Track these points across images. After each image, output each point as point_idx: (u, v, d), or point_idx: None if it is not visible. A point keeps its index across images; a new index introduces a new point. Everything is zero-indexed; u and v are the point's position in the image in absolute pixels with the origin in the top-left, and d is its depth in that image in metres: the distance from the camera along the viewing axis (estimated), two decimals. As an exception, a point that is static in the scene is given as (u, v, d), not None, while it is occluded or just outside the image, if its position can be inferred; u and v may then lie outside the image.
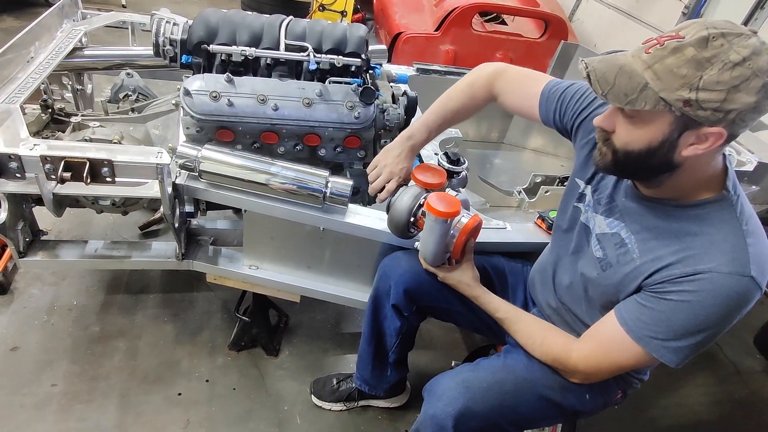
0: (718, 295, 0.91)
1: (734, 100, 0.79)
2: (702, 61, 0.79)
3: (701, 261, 0.92)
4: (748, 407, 2.11)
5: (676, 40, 0.82)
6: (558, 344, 1.15)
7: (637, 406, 1.97)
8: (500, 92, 1.31)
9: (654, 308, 0.97)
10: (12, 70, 1.51)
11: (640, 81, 0.83)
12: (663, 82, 0.81)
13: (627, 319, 1.01)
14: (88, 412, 1.59)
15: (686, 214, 0.97)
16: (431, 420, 1.13)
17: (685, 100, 0.81)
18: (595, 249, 1.12)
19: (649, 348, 0.98)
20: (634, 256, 1.02)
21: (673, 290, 0.95)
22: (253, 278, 1.60)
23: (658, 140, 0.87)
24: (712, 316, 0.93)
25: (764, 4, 3.15)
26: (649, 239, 1.01)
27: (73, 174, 1.23)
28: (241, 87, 1.39)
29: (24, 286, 1.94)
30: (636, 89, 0.83)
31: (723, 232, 0.93)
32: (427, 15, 3.68)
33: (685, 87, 0.80)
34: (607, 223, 1.10)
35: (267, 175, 1.34)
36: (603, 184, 1.14)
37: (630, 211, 1.06)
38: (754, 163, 1.73)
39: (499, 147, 2.76)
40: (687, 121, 0.84)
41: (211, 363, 1.80)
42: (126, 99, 1.91)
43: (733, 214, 0.94)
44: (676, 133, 0.86)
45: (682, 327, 0.95)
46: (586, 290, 1.16)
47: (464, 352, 2.05)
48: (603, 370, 1.09)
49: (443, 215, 1.15)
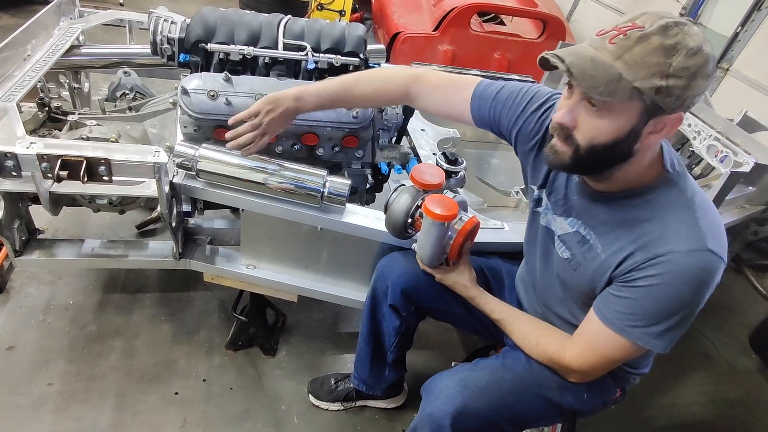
0: (682, 273, 0.93)
1: (694, 85, 0.83)
2: (669, 49, 0.81)
3: (659, 245, 0.94)
4: (743, 407, 2.12)
5: (637, 30, 0.83)
6: (553, 344, 1.16)
7: (633, 406, 1.98)
8: (417, 96, 1.28)
9: (627, 297, 0.99)
10: (8, 67, 1.51)
11: (614, 72, 0.83)
12: (635, 71, 0.82)
13: (605, 313, 1.02)
14: (85, 412, 1.59)
15: (635, 202, 0.99)
16: (429, 418, 1.13)
17: (657, 87, 0.82)
18: (560, 250, 1.14)
19: (633, 337, 1.00)
20: (598, 251, 1.04)
21: (639, 276, 0.96)
22: (251, 278, 1.60)
23: (626, 131, 0.88)
24: (684, 295, 0.94)
25: (761, 5, 3.17)
26: (606, 232, 1.03)
27: (69, 173, 1.22)
28: (239, 86, 1.38)
29: (20, 285, 1.93)
30: (613, 81, 0.83)
31: (672, 212, 0.95)
32: (425, 15, 3.68)
33: (657, 75, 0.82)
34: (568, 222, 1.12)
35: (265, 174, 1.34)
36: (557, 186, 1.15)
37: (584, 208, 1.08)
38: (750, 164, 1.73)
39: (496, 147, 2.76)
40: (654, 109, 0.85)
41: (208, 362, 1.80)
42: (123, 97, 1.91)
43: (678, 192, 0.97)
44: (643, 122, 0.87)
45: (657, 311, 0.96)
46: (564, 291, 1.17)
47: (462, 352, 2.05)
48: (596, 367, 1.09)
49: (440, 218, 1.15)
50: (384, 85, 1.30)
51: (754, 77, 3.21)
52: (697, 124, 2.01)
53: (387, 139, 1.61)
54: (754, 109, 2.17)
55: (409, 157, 1.67)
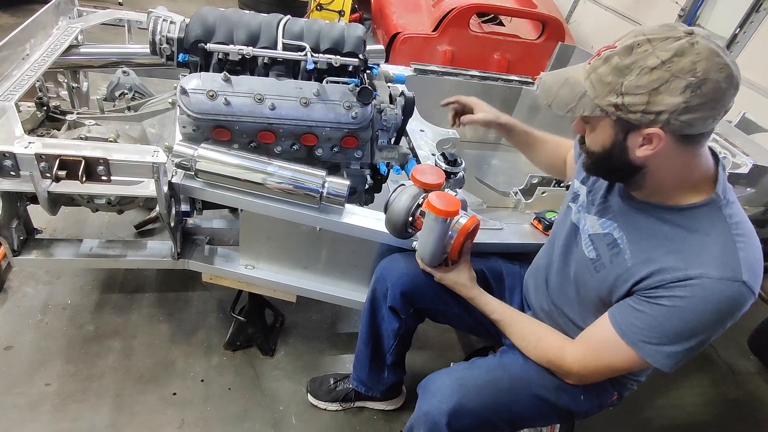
0: (709, 301, 0.91)
1: (657, 102, 0.84)
2: (623, 68, 0.86)
3: (692, 265, 0.92)
4: (742, 408, 2.13)
5: (609, 50, 0.89)
6: (552, 346, 1.16)
7: (632, 407, 1.98)
8: None
9: (647, 313, 0.97)
10: (7, 67, 1.50)
11: (580, 90, 0.91)
12: (596, 89, 0.89)
13: (621, 323, 1.01)
14: (83, 412, 1.58)
15: (676, 217, 0.98)
16: (425, 417, 1.13)
17: (614, 104, 0.88)
18: (587, 249, 1.12)
19: (643, 353, 0.99)
20: (626, 257, 1.02)
21: (665, 295, 0.95)
22: (249, 278, 1.59)
23: (609, 143, 0.94)
24: (705, 322, 0.93)
25: (760, 6, 3.17)
26: (640, 240, 1.02)
27: (68, 172, 1.22)
28: (238, 86, 1.38)
29: (18, 284, 1.92)
30: (575, 98, 0.91)
31: (712, 235, 0.93)
32: (424, 15, 3.68)
33: (612, 93, 0.87)
34: (600, 223, 1.11)
35: (264, 174, 1.34)
36: (598, 185, 1.15)
37: (623, 211, 1.07)
38: (749, 166, 1.73)
39: (496, 148, 2.77)
40: (624, 124, 0.90)
41: (207, 363, 1.80)
42: (122, 97, 1.91)
43: (722, 217, 0.94)
44: (621, 135, 0.91)
45: (674, 332, 0.95)
46: (578, 292, 1.16)
47: (460, 353, 2.05)
48: (596, 372, 1.09)
49: (444, 213, 1.15)
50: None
51: (752, 79, 3.22)
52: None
53: (386, 139, 1.60)
54: (753, 111, 2.17)
55: (408, 158, 1.66)
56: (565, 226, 1.22)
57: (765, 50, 3.17)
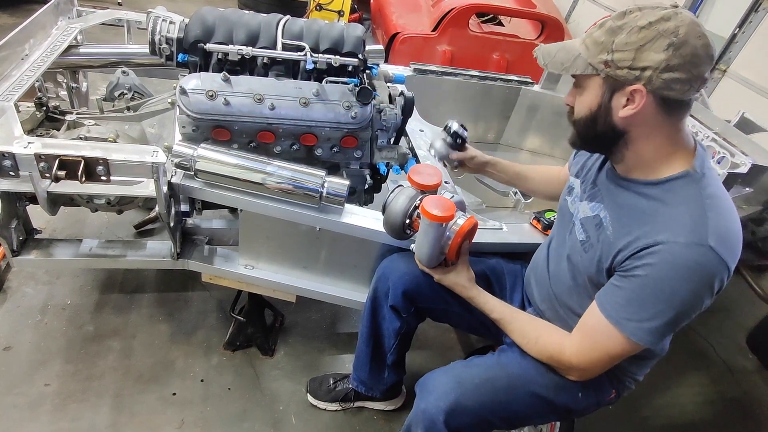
0: (678, 265, 0.93)
1: (643, 58, 0.92)
2: (615, 29, 0.96)
3: (661, 232, 0.96)
4: (740, 407, 2.13)
5: (605, 18, 1.00)
6: (552, 342, 1.16)
7: (630, 406, 1.98)
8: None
9: (625, 287, 1.00)
10: (6, 67, 1.50)
11: (575, 53, 1.01)
12: (589, 50, 0.98)
13: (605, 305, 1.04)
14: (82, 412, 1.58)
15: (654, 190, 1.02)
16: (423, 414, 1.14)
17: (604, 61, 0.96)
18: (578, 233, 1.17)
19: (627, 331, 1.00)
20: (608, 233, 1.06)
21: (637, 265, 0.98)
22: (249, 278, 1.59)
23: (596, 103, 1.00)
24: (678, 290, 0.95)
25: (759, 6, 3.17)
26: (621, 217, 1.06)
27: (67, 172, 1.22)
28: (237, 86, 1.38)
29: (17, 285, 1.92)
30: (570, 59, 1.01)
31: (684, 205, 0.97)
32: (424, 15, 3.68)
33: (603, 51, 0.96)
34: (590, 207, 1.15)
35: (263, 174, 1.34)
36: (590, 174, 1.21)
37: (609, 191, 1.12)
38: (747, 166, 1.74)
39: (496, 148, 2.77)
40: (612, 82, 0.97)
41: (206, 363, 1.80)
42: (121, 97, 1.90)
43: (697, 190, 0.98)
44: (608, 94, 0.99)
45: (651, 304, 0.97)
46: (574, 277, 1.18)
47: (459, 353, 2.05)
48: (595, 361, 1.09)
49: (438, 219, 1.15)
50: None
51: (751, 78, 3.22)
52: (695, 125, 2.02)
53: (385, 139, 1.60)
54: (752, 110, 2.17)
55: (408, 158, 1.67)
56: (562, 219, 1.27)
57: (764, 50, 3.18)
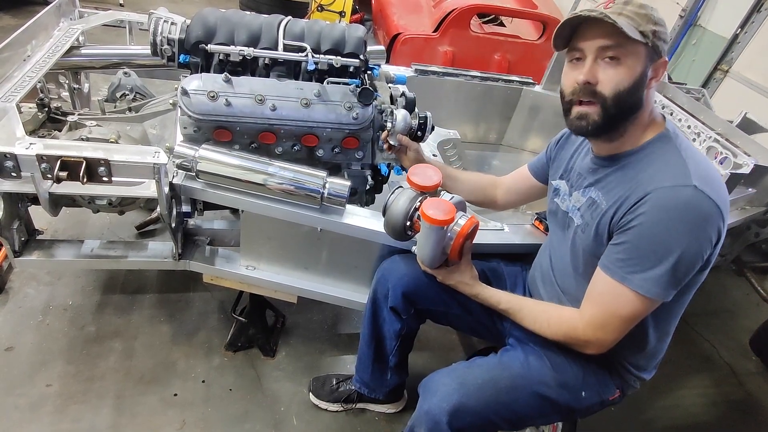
0: (668, 207, 0.99)
1: (666, 33, 1.04)
2: (644, 5, 1.02)
3: (648, 185, 1.02)
4: (743, 409, 2.12)
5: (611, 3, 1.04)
6: (564, 320, 1.17)
7: (634, 407, 1.97)
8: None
9: (624, 242, 1.04)
10: (8, 68, 1.51)
11: (623, 22, 0.99)
12: (635, 21, 1.00)
13: (608, 265, 1.06)
14: (83, 413, 1.58)
15: (636, 156, 1.09)
16: (426, 415, 1.14)
17: (653, 31, 1.01)
18: (576, 219, 1.19)
19: (633, 285, 1.02)
20: (602, 206, 1.10)
21: (632, 218, 1.02)
22: (250, 279, 1.59)
23: (638, 73, 1.03)
24: (672, 231, 0.99)
25: (761, 6, 3.17)
26: (611, 188, 1.10)
27: (69, 173, 1.22)
28: (239, 87, 1.38)
29: (19, 285, 1.93)
30: (619, 30, 0.99)
31: (663, 158, 1.05)
32: (425, 16, 3.68)
33: (650, 22, 1.01)
34: (581, 194, 1.20)
35: (264, 175, 1.34)
36: (574, 171, 1.26)
37: (595, 174, 1.17)
38: (750, 166, 1.73)
39: (497, 148, 2.77)
40: (652, 53, 1.03)
41: (208, 364, 1.80)
42: (123, 98, 1.91)
43: (673, 145, 1.07)
44: (648, 65, 1.04)
45: (651, 252, 1.00)
46: (576, 267, 1.19)
47: (461, 355, 2.05)
48: (608, 328, 1.09)
49: (438, 223, 1.15)
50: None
51: (753, 79, 3.22)
52: (697, 126, 2.02)
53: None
54: (754, 111, 2.17)
55: (409, 158, 1.66)
56: (556, 220, 1.30)
57: (766, 50, 3.17)
